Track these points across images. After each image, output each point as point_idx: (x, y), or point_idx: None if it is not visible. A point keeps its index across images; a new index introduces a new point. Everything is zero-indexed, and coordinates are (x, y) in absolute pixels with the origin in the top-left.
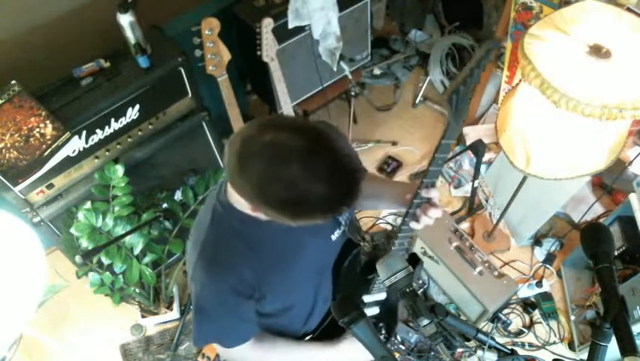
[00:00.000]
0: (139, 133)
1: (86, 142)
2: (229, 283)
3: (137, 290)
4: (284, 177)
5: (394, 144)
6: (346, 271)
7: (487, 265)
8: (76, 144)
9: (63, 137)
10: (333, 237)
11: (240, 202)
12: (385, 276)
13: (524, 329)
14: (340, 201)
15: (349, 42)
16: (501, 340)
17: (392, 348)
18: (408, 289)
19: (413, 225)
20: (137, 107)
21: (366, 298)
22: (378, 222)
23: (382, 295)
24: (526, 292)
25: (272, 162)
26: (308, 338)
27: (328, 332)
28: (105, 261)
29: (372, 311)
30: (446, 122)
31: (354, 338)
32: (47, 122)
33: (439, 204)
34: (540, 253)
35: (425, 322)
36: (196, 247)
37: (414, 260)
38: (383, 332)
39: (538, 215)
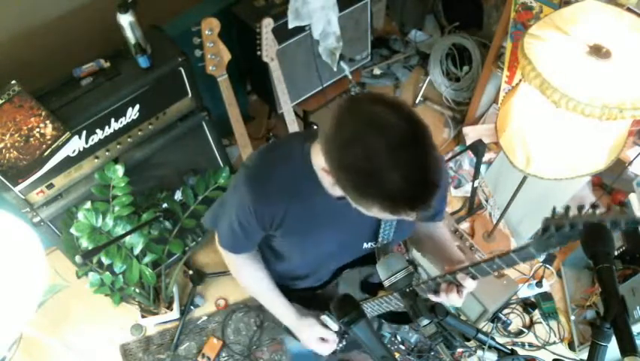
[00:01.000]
0: (139, 133)
1: (86, 142)
2: (260, 209)
3: (137, 290)
4: (369, 146)
5: None
6: (349, 276)
7: None
8: (76, 144)
9: (63, 137)
10: (364, 245)
11: (317, 163)
12: (385, 276)
13: (524, 329)
14: (405, 201)
15: (349, 42)
16: (501, 340)
17: (392, 348)
18: (408, 289)
19: (430, 294)
20: (137, 107)
21: None
22: None
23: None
24: (526, 292)
25: (367, 127)
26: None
27: (307, 301)
28: (105, 261)
29: None
30: (528, 242)
31: (315, 323)
32: (47, 122)
33: (464, 294)
34: None
35: (425, 322)
36: (261, 155)
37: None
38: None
39: (538, 215)
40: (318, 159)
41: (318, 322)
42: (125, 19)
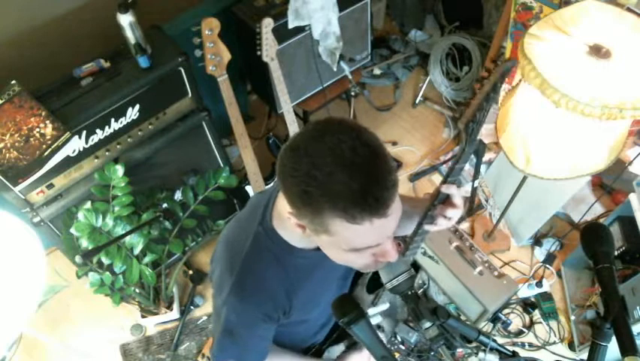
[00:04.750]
0: (139, 133)
1: (86, 142)
2: (264, 312)
3: (137, 290)
4: (313, 154)
5: (394, 144)
6: (357, 285)
7: (487, 265)
8: (76, 144)
9: (63, 137)
10: None
11: (284, 228)
12: (387, 279)
13: (524, 329)
14: (356, 200)
15: (349, 42)
16: (501, 340)
17: (392, 348)
18: (410, 292)
19: (428, 227)
20: (137, 107)
21: (371, 311)
22: None
23: (386, 306)
24: (526, 292)
25: (312, 141)
26: (313, 350)
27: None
28: (105, 261)
29: (375, 320)
30: (460, 148)
31: (352, 356)
32: (47, 122)
33: (459, 203)
34: (540, 253)
35: (427, 324)
36: (232, 273)
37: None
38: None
39: (538, 215)
40: (286, 227)
41: (353, 352)
42: (125, 19)
